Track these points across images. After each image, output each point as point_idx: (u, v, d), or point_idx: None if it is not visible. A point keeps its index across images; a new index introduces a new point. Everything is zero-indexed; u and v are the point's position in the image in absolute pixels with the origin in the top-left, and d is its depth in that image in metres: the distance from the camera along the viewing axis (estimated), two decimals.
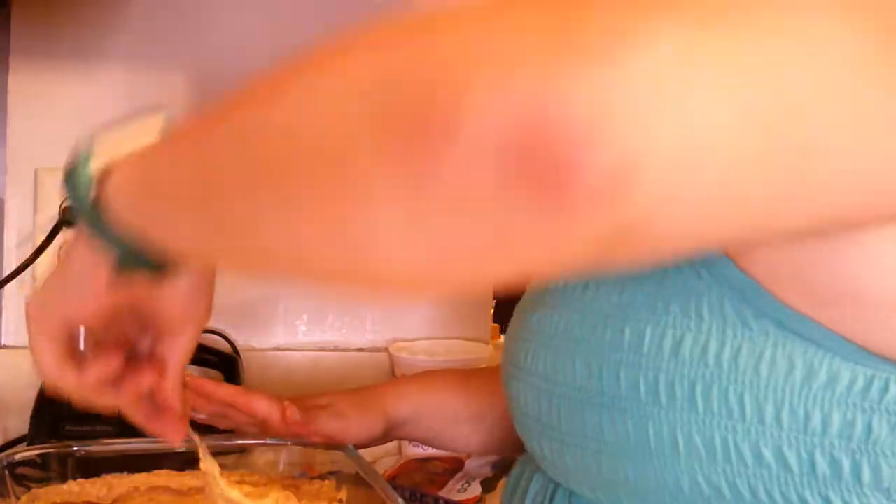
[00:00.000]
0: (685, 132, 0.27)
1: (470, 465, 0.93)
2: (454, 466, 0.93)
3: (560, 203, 0.26)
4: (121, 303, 0.49)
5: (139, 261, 0.46)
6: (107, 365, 0.51)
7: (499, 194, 0.26)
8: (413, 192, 0.28)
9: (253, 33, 1.04)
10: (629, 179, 0.26)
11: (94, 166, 0.46)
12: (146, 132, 0.47)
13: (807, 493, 0.43)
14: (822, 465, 0.43)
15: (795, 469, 0.43)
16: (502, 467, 0.90)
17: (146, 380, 0.53)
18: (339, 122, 0.30)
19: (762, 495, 0.44)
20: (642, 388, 0.45)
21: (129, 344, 0.54)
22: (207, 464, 0.61)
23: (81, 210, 0.46)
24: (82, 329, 0.51)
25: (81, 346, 0.51)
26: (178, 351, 0.54)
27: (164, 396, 0.54)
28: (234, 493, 0.61)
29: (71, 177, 0.47)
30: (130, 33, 1.01)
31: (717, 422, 0.43)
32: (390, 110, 0.28)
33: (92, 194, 0.45)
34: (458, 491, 0.88)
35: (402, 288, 0.34)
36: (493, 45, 0.27)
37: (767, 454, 0.43)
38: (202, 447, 0.60)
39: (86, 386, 0.52)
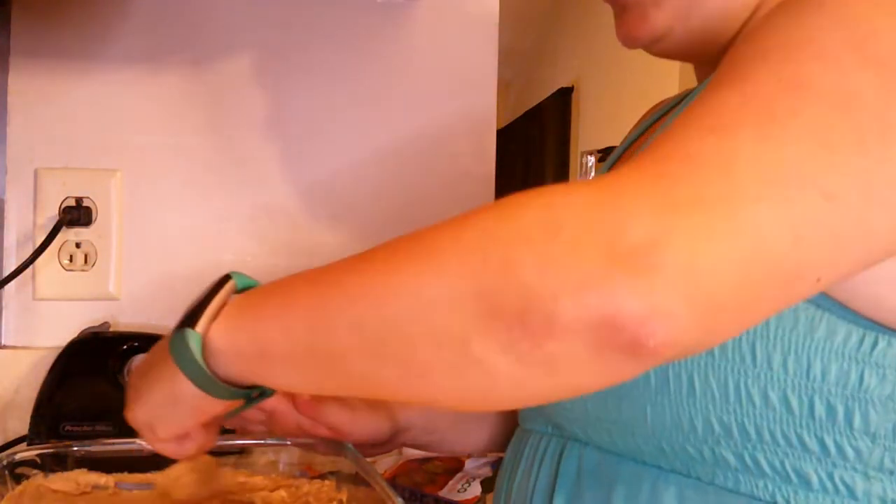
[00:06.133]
0: (706, 304, 0.40)
1: (470, 465, 0.93)
2: (454, 466, 0.93)
3: (639, 359, 0.40)
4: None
5: (250, 401, 0.54)
6: (200, 445, 0.60)
7: (595, 360, 0.40)
8: (519, 365, 0.40)
9: (253, 33, 1.04)
10: (676, 341, 0.40)
11: (198, 341, 0.51)
12: (223, 298, 0.53)
13: (805, 434, 0.50)
14: (820, 409, 0.50)
15: (797, 412, 0.50)
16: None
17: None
18: (454, 316, 0.41)
19: (766, 435, 0.51)
20: None
21: None
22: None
23: (199, 382, 0.51)
24: None
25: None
26: None
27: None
28: None
29: (180, 355, 0.51)
30: (130, 33, 1.01)
31: (731, 366, 0.51)
32: (494, 311, 0.40)
33: (204, 367, 0.50)
34: (458, 491, 0.88)
35: (504, 409, 0.49)
36: (564, 265, 0.39)
37: (773, 397, 0.50)
38: None
39: (183, 454, 0.60)
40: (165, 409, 0.55)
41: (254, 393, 0.53)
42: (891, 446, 0.50)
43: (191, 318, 0.51)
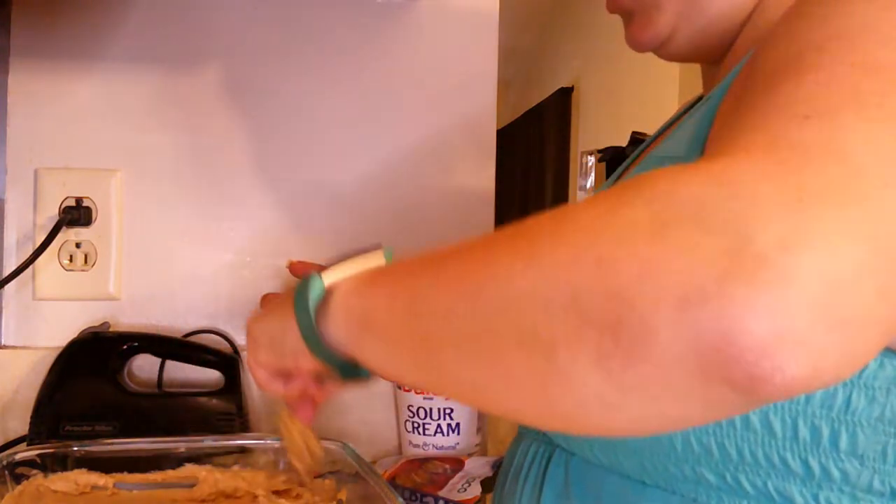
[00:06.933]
0: (849, 323, 0.32)
1: (470, 465, 0.93)
2: (454, 466, 0.93)
3: (757, 396, 0.32)
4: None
5: (343, 371, 0.53)
6: (294, 387, 0.63)
7: (700, 392, 0.33)
8: (610, 385, 0.34)
9: (253, 33, 1.04)
10: (811, 375, 0.32)
11: (318, 291, 0.52)
12: (370, 265, 0.53)
13: (788, 456, 0.48)
14: (804, 431, 0.48)
15: (779, 433, 0.48)
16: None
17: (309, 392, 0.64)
18: (541, 316, 0.36)
19: (748, 455, 0.49)
20: None
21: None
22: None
23: (303, 328, 0.52)
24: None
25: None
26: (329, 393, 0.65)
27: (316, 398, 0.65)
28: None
29: (299, 295, 0.53)
30: (130, 33, 1.01)
31: None
32: (585, 317, 0.34)
33: (314, 316, 0.52)
34: (458, 491, 0.88)
35: (597, 434, 0.45)
36: (669, 270, 0.32)
37: (754, 419, 0.48)
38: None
39: (281, 392, 0.63)
40: (271, 338, 0.57)
41: (349, 366, 0.52)
42: (881, 468, 0.48)
43: (327, 271, 0.52)
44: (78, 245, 0.98)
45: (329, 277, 0.53)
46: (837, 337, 0.32)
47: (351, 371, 0.53)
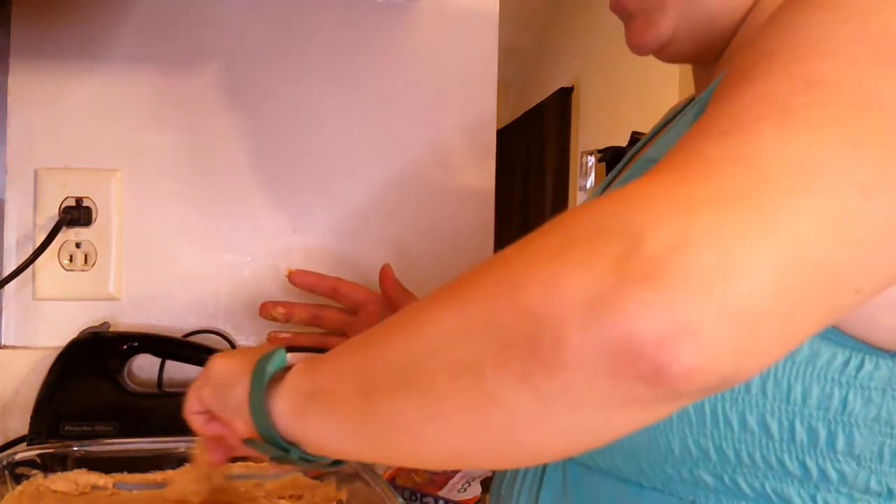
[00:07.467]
0: (742, 316, 0.34)
1: None
2: None
3: (665, 389, 0.34)
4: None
5: (272, 443, 0.52)
6: (213, 429, 0.61)
7: (616, 392, 0.35)
8: (538, 400, 0.37)
9: (253, 33, 1.04)
10: (709, 365, 0.34)
11: (278, 364, 0.53)
12: None
13: (785, 457, 0.48)
14: (801, 432, 0.48)
15: (776, 435, 0.48)
16: None
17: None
18: (467, 347, 0.38)
19: (745, 458, 0.49)
20: None
21: None
22: None
23: (253, 393, 0.52)
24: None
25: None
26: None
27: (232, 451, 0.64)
28: None
29: (262, 361, 0.53)
30: (130, 33, 1.01)
31: None
32: (505, 340, 0.37)
33: (265, 385, 0.52)
34: (458, 491, 0.88)
35: (535, 461, 0.46)
36: (570, 283, 0.35)
37: (752, 421, 0.48)
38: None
39: (200, 429, 0.61)
40: (222, 383, 0.56)
41: (279, 443, 0.51)
42: (877, 469, 0.48)
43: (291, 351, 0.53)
44: (78, 245, 0.98)
45: (296, 358, 0.53)
46: (730, 329, 0.33)
47: (279, 447, 0.52)
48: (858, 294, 0.38)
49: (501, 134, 3.52)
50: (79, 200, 0.98)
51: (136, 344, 0.95)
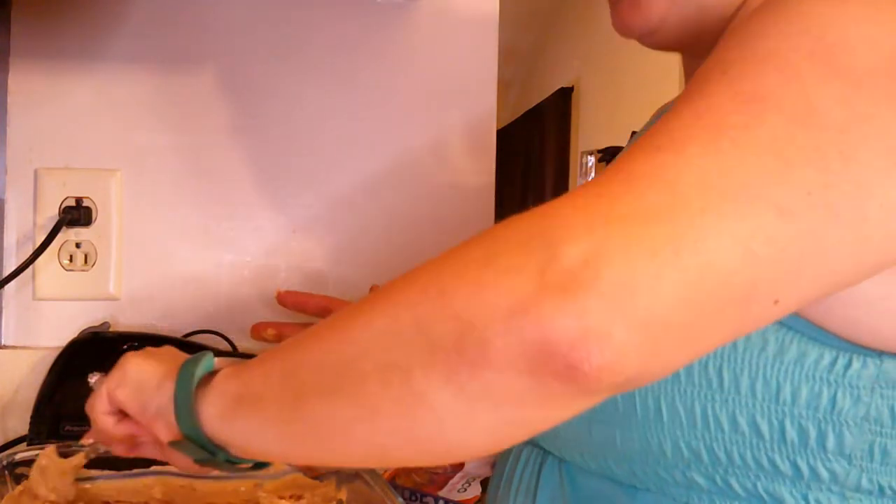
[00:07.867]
0: (646, 324, 0.37)
1: (470, 465, 0.93)
2: (454, 466, 0.93)
3: (577, 386, 0.37)
4: None
5: (199, 445, 0.52)
6: (123, 429, 0.60)
7: (534, 390, 0.38)
8: (461, 399, 0.39)
9: (253, 33, 1.04)
10: (615, 366, 0.37)
11: (206, 368, 0.53)
12: None
13: (776, 458, 0.49)
14: (791, 432, 0.49)
15: (767, 436, 0.49)
16: None
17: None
18: (396, 349, 0.41)
19: (736, 459, 0.50)
20: None
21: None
22: None
23: (179, 396, 0.52)
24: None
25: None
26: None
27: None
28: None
29: (188, 364, 0.54)
30: (130, 33, 1.01)
31: (698, 391, 0.50)
32: (433, 341, 0.39)
33: (193, 388, 0.52)
34: (458, 491, 0.88)
35: (459, 458, 0.47)
36: (494, 291, 0.38)
37: (742, 422, 0.49)
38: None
39: (112, 435, 0.61)
40: (141, 384, 0.56)
41: (206, 446, 0.51)
42: (868, 467, 0.49)
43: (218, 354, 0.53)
44: (78, 245, 0.98)
45: (223, 363, 0.54)
46: (634, 335, 0.37)
47: (205, 449, 0.52)
48: (778, 305, 0.40)
49: (501, 134, 3.52)
50: (79, 200, 0.98)
51: (136, 344, 0.94)
